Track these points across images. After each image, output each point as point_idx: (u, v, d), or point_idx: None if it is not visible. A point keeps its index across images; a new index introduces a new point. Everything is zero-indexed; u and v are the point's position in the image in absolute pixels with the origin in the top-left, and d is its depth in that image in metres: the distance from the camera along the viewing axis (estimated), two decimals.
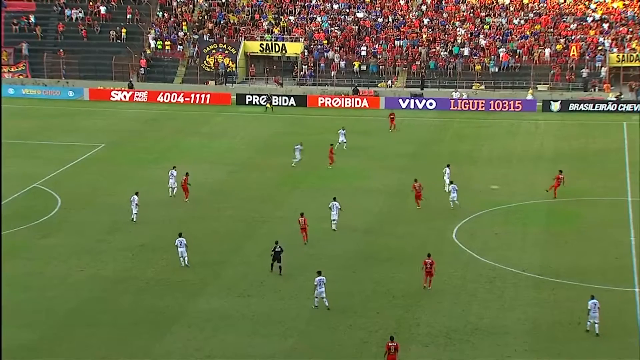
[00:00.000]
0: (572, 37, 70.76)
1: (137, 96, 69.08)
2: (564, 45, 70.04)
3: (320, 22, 75.27)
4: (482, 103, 66.20)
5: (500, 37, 71.76)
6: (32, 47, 73.34)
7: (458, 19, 74.28)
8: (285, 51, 73.14)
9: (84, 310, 30.70)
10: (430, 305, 31.20)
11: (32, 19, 75.64)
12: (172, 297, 31.82)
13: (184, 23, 76.08)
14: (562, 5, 74.52)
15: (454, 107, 66.22)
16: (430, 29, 73.51)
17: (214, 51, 73.17)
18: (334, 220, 38.68)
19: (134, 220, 39.53)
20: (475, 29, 72.97)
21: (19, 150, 52.32)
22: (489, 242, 37.57)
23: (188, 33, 75.22)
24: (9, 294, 31.41)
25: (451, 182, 42.81)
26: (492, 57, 70.14)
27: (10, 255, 35.11)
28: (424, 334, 29.05)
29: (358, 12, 75.99)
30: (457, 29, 73.04)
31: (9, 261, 34.55)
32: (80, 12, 76.55)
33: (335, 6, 76.79)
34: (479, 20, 74.08)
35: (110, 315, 30.32)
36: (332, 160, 48.51)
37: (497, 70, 69.69)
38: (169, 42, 74.40)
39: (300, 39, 73.43)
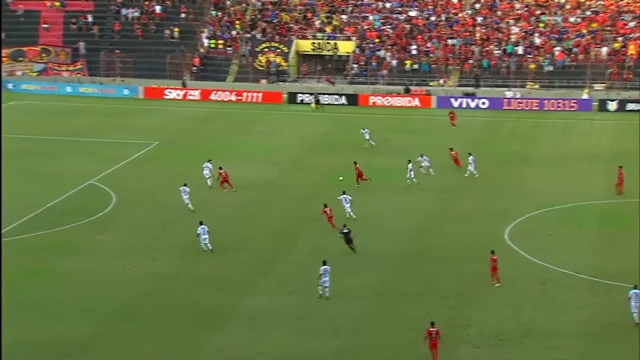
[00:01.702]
0: (631, 35, 69.27)
1: (190, 94, 69.86)
2: (622, 44, 68.60)
3: (373, 21, 75.09)
4: (536, 102, 65.27)
5: (556, 36, 70.64)
6: (89, 46, 74.71)
7: (512, 17, 73.36)
8: (337, 50, 73.16)
9: (136, 306, 31.14)
10: (481, 306, 30.90)
11: (89, 18, 77.03)
12: (223, 294, 32.10)
13: (237, 22, 76.68)
14: (620, 3, 73.01)
15: (507, 106, 65.44)
16: (483, 28, 72.76)
17: (266, 50, 73.59)
18: (348, 211, 39.25)
19: (192, 208, 40.17)
20: (530, 28, 71.98)
21: (76, 147, 53.38)
22: (542, 243, 37.03)
23: (241, 32, 75.80)
24: (63, 289, 32.12)
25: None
26: (547, 55, 69.10)
27: (66, 252, 35.87)
28: (475, 335, 28.78)
29: (411, 10, 75.59)
30: (511, 28, 72.14)
31: (64, 257, 35.31)
32: (136, 11, 77.70)
33: (388, 5, 76.52)
34: (534, 18, 73.04)
35: (161, 312, 30.71)
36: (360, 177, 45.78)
37: (552, 69, 68.62)
38: (222, 41, 75.07)
39: (352, 37, 73.36)
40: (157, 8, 77.81)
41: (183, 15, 77.36)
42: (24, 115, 62.33)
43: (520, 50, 69.95)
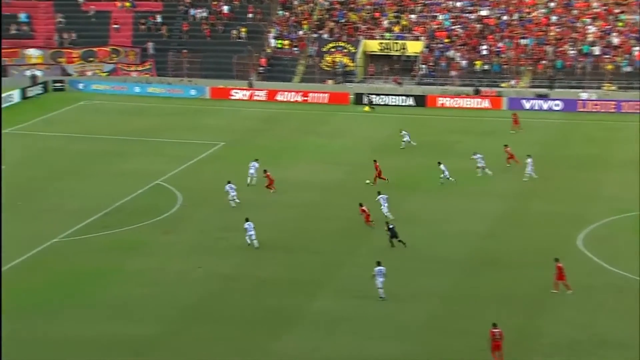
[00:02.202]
0: None
1: (257, 95, 70.50)
2: None
3: (442, 20, 74.52)
4: (613, 104, 63.76)
5: (635, 35, 68.86)
6: (157, 46, 76.06)
7: (589, 16, 71.82)
8: (405, 50, 72.85)
9: (202, 306, 31.59)
10: (553, 315, 30.36)
11: (158, 18, 78.45)
12: (288, 296, 32.31)
13: (304, 22, 77.07)
14: None
15: (581, 108, 64.11)
16: (558, 27, 71.43)
17: (333, 50, 73.75)
18: (385, 211, 39.42)
19: (233, 205, 41.22)
20: (608, 27, 70.35)
21: (143, 147, 54.41)
22: (619, 250, 36.17)
23: (308, 32, 76.15)
24: (131, 288, 32.78)
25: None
26: (626, 56, 67.40)
27: (133, 251, 36.62)
28: (547, 345, 28.30)
29: (482, 9, 74.74)
30: (588, 27, 70.63)
31: (132, 257, 36.04)
32: (204, 11, 78.80)
33: (459, 4, 75.84)
34: (612, 17, 71.35)
35: (227, 312, 31.09)
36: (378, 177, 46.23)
37: (630, 69, 66.91)
38: (288, 41, 75.56)
39: (421, 37, 72.95)
40: (225, 8, 78.77)
41: (250, 15, 78.13)
42: (93, 115, 63.88)
43: (596, 50, 68.43)
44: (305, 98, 69.37)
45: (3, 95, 65.66)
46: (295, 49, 75.01)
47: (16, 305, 30.73)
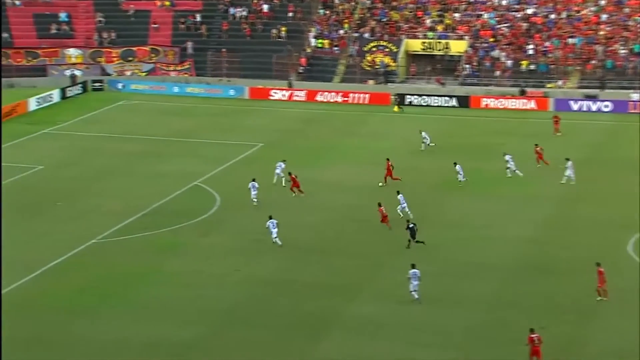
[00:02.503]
0: None
1: (296, 95, 70.57)
2: None
3: (487, 19, 73.86)
4: None
5: None
6: (197, 45, 76.55)
7: None
8: (449, 49, 72.36)
9: (240, 310, 31.64)
10: (602, 323, 29.85)
11: (198, 17, 78.97)
12: (328, 300, 32.22)
13: (345, 21, 76.98)
14: None
15: (633, 109, 63.02)
16: (608, 25, 70.33)
17: (374, 49, 73.55)
18: (401, 210, 40.12)
19: (255, 202, 41.74)
20: None
21: (181, 148, 54.76)
22: None
23: (349, 31, 76.04)
24: (169, 290, 32.97)
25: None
26: None
27: (171, 253, 36.84)
28: (595, 354, 27.85)
29: (528, 8, 73.94)
30: None
31: (170, 259, 36.27)
32: (243, 10, 79.13)
33: (504, 2, 75.10)
34: None
35: (266, 316, 31.09)
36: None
37: None
38: (328, 40, 75.52)
39: (465, 36, 72.39)
40: (265, 7, 78.99)
41: (290, 14, 78.25)
42: (132, 115, 64.50)
43: None
44: (346, 98, 69.26)
45: (43, 94, 66.72)
46: (336, 48, 74.93)
47: (55, 306, 31.13)
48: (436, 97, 67.19)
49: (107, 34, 77.04)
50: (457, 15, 74.97)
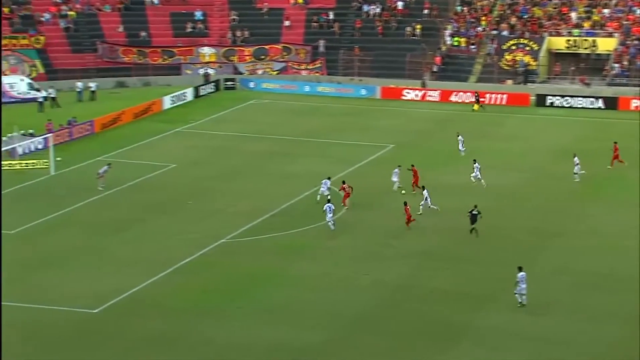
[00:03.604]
0: None
1: (429, 95, 70.26)
2: None
3: None
4: None
5: None
6: (329, 44, 77.50)
7: None
8: (596, 48, 70.11)
9: (368, 315, 31.87)
10: None
11: (331, 15, 79.94)
12: (457, 309, 32.03)
13: (483, 18, 75.96)
14: None
15: None
16: None
17: (513, 48, 72.29)
18: (431, 206, 41.22)
19: (318, 200, 42.41)
20: None
21: (311, 148, 55.63)
22: None
23: (487, 28, 75.00)
24: (295, 293, 33.61)
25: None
26: None
27: (298, 256, 37.55)
28: None
29: None
30: None
31: (297, 261, 36.97)
32: (377, 7, 79.47)
33: None
34: None
35: (393, 323, 31.21)
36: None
37: None
38: (465, 39, 74.74)
39: (615, 34, 69.91)
40: (400, 4, 79.06)
41: (426, 11, 77.96)
42: (263, 115, 66.04)
43: None
44: (482, 99, 68.36)
45: (177, 93, 69.42)
46: (473, 46, 74.07)
47: (182, 305, 32.35)
48: (580, 98, 65.38)
49: (240, 32, 79.20)
50: (606, 11, 72.58)
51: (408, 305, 32.67)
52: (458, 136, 53.02)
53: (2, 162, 49.59)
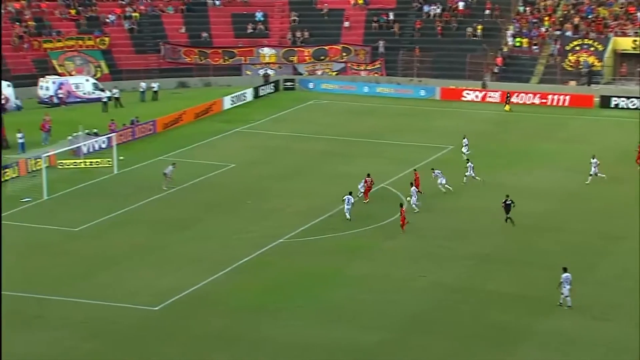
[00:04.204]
0: None
1: (490, 96, 69.67)
2: None
3: None
4: None
5: None
6: (388, 45, 77.43)
7: None
8: None
9: (424, 317, 31.84)
10: None
11: (391, 16, 79.86)
12: (516, 313, 31.78)
13: (547, 18, 75.03)
14: None
15: None
16: None
17: (577, 48, 71.26)
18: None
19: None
20: None
21: (369, 149, 55.67)
22: None
23: (550, 29, 74.06)
24: (353, 293, 33.72)
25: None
26: None
27: (355, 256, 37.67)
28: None
29: None
30: None
31: (355, 262, 37.09)
32: (438, 8, 79.11)
33: None
34: None
35: (450, 325, 31.11)
36: None
37: None
38: (527, 39, 73.93)
39: None
40: (461, 4, 78.58)
41: (487, 11, 77.35)
42: (321, 115, 66.30)
43: None
44: (544, 100, 67.59)
45: (237, 93, 70.16)
46: (535, 47, 73.24)
47: (242, 304, 32.75)
48: None
49: (300, 33, 79.64)
50: None
51: (465, 307, 32.53)
52: (463, 139, 52.44)
53: (68, 161, 50.90)
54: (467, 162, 47.22)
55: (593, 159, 46.79)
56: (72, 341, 29.72)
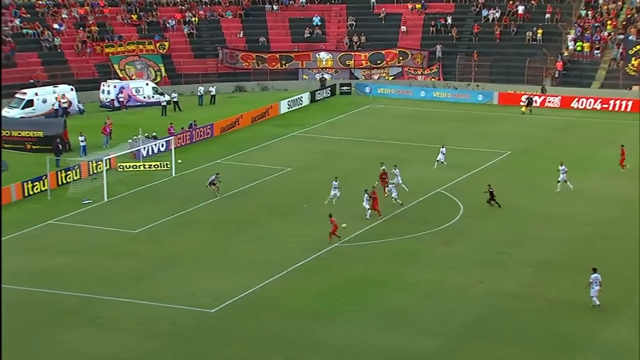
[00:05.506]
0: None
1: (549, 101, 68.62)
2: None
3: None
4: None
5: None
6: (445, 49, 76.88)
7: None
8: None
9: (483, 324, 31.35)
10: None
11: (449, 20, 79.27)
12: (577, 321, 31.12)
13: (609, 22, 73.62)
14: None
15: None
16: None
17: None
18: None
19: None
20: None
21: (425, 153, 55.16)
22: None
23: (612, 33, 72.64)
24: (408, 299, 33.41)
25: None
26: None
27: (412, 261, 37.34)
28: None
29: None
30: None
31: (411, 266, 36.76)
32: (497, 12, 78.26)
33: None
34: None
35: (509, 333, 30.58)
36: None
37: None
38: (589, 43, 72.64)
39: None
40: (520, 8, 77.61)
41: (548, 15, 76.25)
42: (377, 119, 66.04)
43: None
44: (605, 106, 66.35)
45: (294, 97, 70.32)
46: (597, 51, 71.92)
47: (296, 307, 32.69)
48: None
49: (357, 37, 79.55)
50: None
51: (524, 315, 31.96)
52: (442, 147, 51.37)
53: (128, 164, 51.54)
54: (560, 166, 46.11)
55: (561, 166, 45.88)
56: (131, 341, 29.99)
